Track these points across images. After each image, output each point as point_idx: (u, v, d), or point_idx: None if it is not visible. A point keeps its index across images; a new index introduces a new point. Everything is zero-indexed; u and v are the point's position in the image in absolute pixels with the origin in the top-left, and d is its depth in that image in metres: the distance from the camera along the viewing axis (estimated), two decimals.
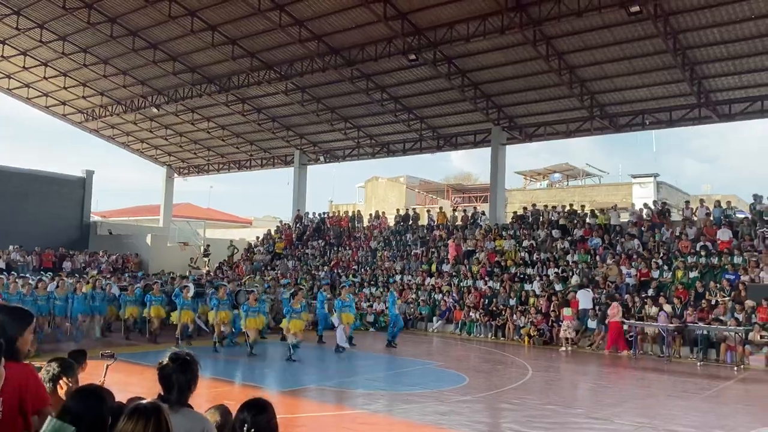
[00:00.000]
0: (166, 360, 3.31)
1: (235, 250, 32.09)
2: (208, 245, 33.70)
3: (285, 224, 34.02)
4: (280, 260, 29.48)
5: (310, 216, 33.20)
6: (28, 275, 21.26)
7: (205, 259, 32.53)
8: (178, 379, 3.27)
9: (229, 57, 25.27)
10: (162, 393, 3.27)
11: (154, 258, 30.94)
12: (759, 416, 9.82)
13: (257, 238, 33.49)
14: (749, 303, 16.00)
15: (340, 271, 26.39)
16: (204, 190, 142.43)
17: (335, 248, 28.98)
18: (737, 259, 18.29)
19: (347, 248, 28.56)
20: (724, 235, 19.48)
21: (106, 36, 25.12)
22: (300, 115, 30.49)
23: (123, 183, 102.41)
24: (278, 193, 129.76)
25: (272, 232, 33.14)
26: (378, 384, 12.13)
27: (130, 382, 9.91)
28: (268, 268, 28.89)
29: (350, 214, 32.12)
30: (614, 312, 17.18)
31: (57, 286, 17.64)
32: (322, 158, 33.84)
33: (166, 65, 27.10)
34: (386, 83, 26.04)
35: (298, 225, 32.71)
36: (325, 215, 33.35)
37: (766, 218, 19.73)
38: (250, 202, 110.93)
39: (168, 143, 36.91)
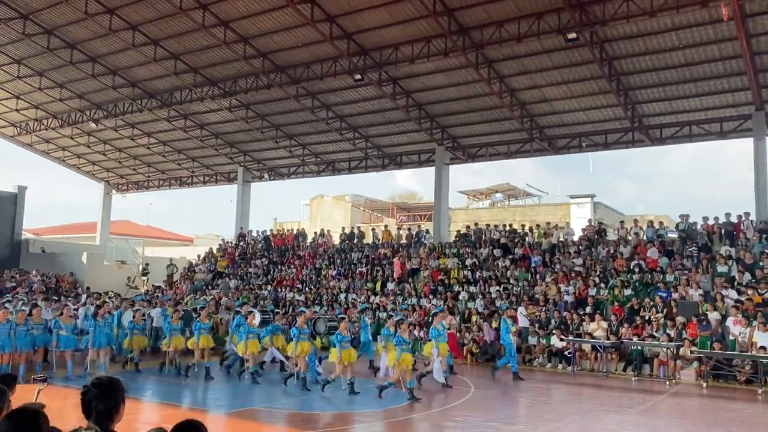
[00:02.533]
0: (88, 385, 3.16)
1: (175, 269, 31.33)
2: (147, 264, 32.81)
3: (227, 242, 33.48)
4: (221, 279, 28.94)
5: (254, 234, 32.78)
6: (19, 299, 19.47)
7: (144, 278, 31.63)
8: (98, 406, 3.12)
9: (171, 72, 24.87)
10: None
11: (89, 277, 29.87)
12: (690, 429, 10.21)
13: (198, 256, 32.81)
14: (680, 319, 16.66)
15: (283, 289, 26.10)
16: (143, 207, 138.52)
17: (279, 267, 28.67)
18: (669, 277, 19.05)
19: (291, 267, 28.29)
20: (653, 254, 20.30)
21: (42, 48, 24.31)
22: (244, 131, 30.21)
23: (58, 199, 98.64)
24: (221, 211, 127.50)
25: (214, 251, 32.55)
26: (322, 405, 12.00)
27: (66, 406, 9.49)
28: (210, 287, 28.31)
29: (295, 232, 31.88)
30: (449, 323, 17.97)
31: (61, 313, 14.88)
32: (266, 175, 33.55)
33: (106, 79, 26.44)
34: (332, 102, 26.14)
35: (241, 243, 32.24)
36: (269, 233, 32.98)
37: (693, 237, 20.65)
38: (191, 219, 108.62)
39: (106, 159, 35.87)
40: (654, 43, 19.36)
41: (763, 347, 14.40)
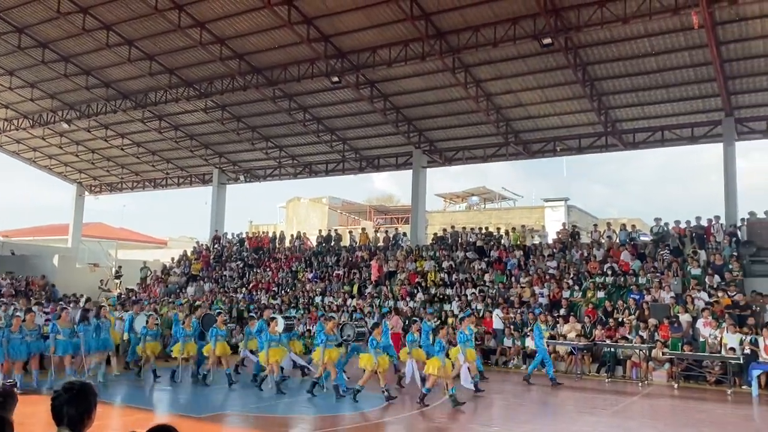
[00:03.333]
0: (59, 389, 3.13)
1: (149, 272, 30.96)
2: (120, 267, 32.38)
3: (202, 245, 33.18)
4: (196, 282, 28.67)
5: (229, 237, 32.53)
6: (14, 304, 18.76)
7: (117, 281, 31.19)
8: (69, 411, 3.09)
9: (146, 73, 24.60)
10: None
11: (61, 280, 29.34)
12: (662, 430, 10.37)
13: (172, 259, 32.45)
14: (652, 321, 16.92)
15: (258, 293, 25.94)
16: (117, 210, 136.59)
17: (254, 270, 28.48)
18: (642, 280, 19.35)
19: (267, 270, 28.13)
20: (626, 256, 20.61)
21: (12, 46, 23.89)
22: (219, 133, 29.99)
23: (29, 201, 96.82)
24: (196, 213, 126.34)
25: (188, 253, 32.23)
26: (300, 408, 11.96)
27: (26, 413, 9.31)
28: (184, 290, 28.03)
29: (271, 234, 31.70)
30: (394, 323, 17.91)
31: (59, 317, 14.17)
32: (242, 177, 33.34)
33: (79, 79, 26.05)
34: (309, 104, 26.09)
35: (215, 246, 31.97)
36: (245, 235, 32.75)
37: (665, 241, 21.00)
38: (165, 222, 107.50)
39: (79, 160, 35.29)
40: (627, 49, 19.68)
41: (732, 348, 14.70)
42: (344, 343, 14.13)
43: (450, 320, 20.37)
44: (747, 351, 14.63)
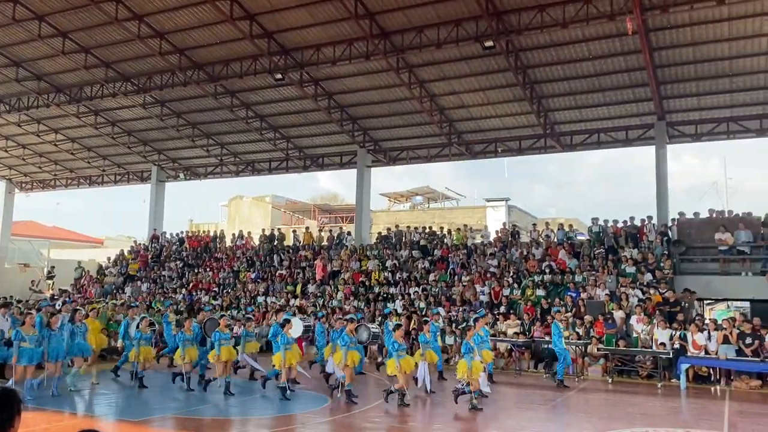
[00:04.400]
0: None
1: (84, 272, 29.90)
2: (53, 267, 31.14)
3: (140, 244, 32.28)
4: (133, 282, 27.86)
5: (168, 236, 31.75)
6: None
7: (49, 281, 29.99)
8: None
9: (81, 66, 23.74)
10: None
11: None
12: (596, 423, 10.68)
13: (109, 259, 31.46)
14: (588, 318, 17.44)
15: (198, 293, 25.41)
16: (50, 207, 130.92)
17: (194, 270, 27.89)
18: (578, 278, 19.92)
19: (208, 269, 27.58)
20: (563, 255, 21.20)
21: None
22: (159, 129, 29.24)
23: None
24: (133, 212, 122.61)
25: (125, 253, 31.29)
26: (235, 410, 11.76)
27: None
28: (121, 290, 27.21)
29: (212, 233, 31.10)
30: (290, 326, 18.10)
31: (23, 323, 12.48)
32: (181, 175, 32.57)
33: (8, 71, 24.91)
34: (252, 101, 25.73)
35: (154, 245, 31.15)
36: (185, 235, 32.01)
37: (601, 240, 21.68)
38: (101, 220, 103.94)
39: (8, 155, 33.73)
40: (566, 54, 20.21)
41: (662, 344, 15.30)
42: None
43: (394, 319, 20.48)
44: (676, 346, 15.26)
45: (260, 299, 23.77)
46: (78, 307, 15.15)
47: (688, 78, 20.62)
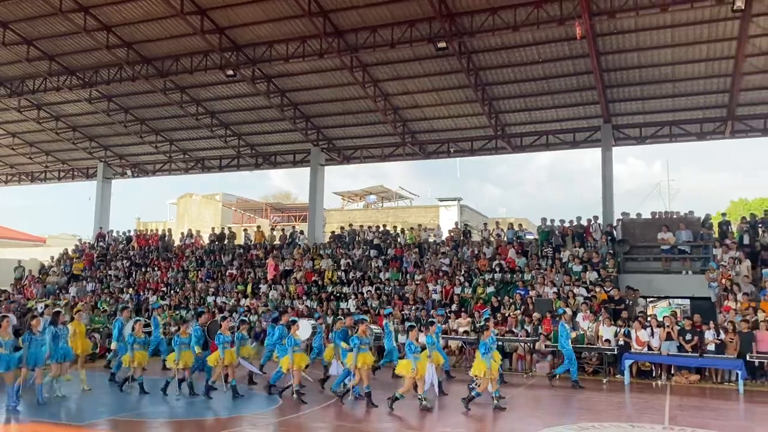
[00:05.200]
0: None
1: (24, 272, 28.83)
2: None
3: (85, 243, 31.33)
4: (77, 282, 27.02)
5: (115, 234, 30.92)
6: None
7: None
8: None
9: (23, 58, 22.91)
10: None
11: None
12: (545, 419, 10.92)
13: (52, 258, 30.39)
14: (536, 315, 17.78)
15: (145, 293, 24.82)
16: None
17: (142, 269, 27.24)
18: (527, 276, 20.32)
19: (156, 269, 26.97)
20: (512, 254, 21.59)
21: None
22: (105, 125, 28.46)
23: None
24: (78, 209, 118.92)
25: (70, 252, 30.32)
26: (186, 411, 11.55)
27: None
28: (64, 290, 26.35)
29: (160, 232, 30.43)
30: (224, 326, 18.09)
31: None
32: (129, 172, 31.79)
33: None
34: (202, 97, 25.30)
35: (100, 244, 30.28)
36: (132, 233, 31.21)
37: (549, 239, 22.15)
38: (44, 218, 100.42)
39: None
40: (516, 56, 20.58)
41: (607, 340, 15.72)
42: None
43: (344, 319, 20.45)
44: (621, 342, 15.73)
45: (210, 299, 23.39)
46: (59, 309, 14.25)
47: (633, 82, 21.27)
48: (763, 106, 21.62)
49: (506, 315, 18.51)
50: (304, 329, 13.08)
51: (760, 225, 19.95)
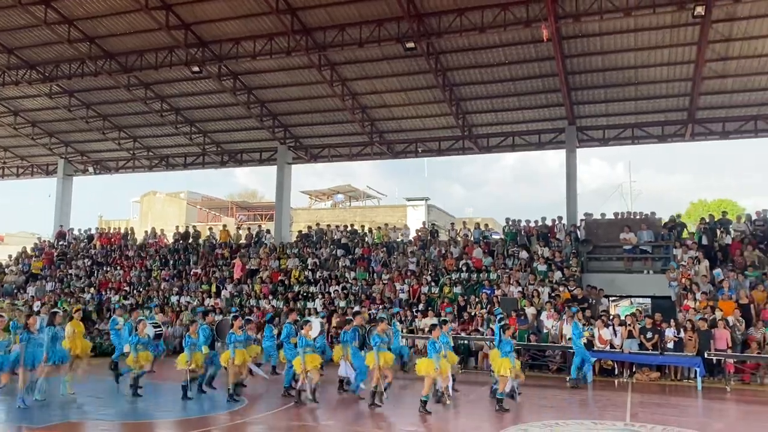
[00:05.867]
0: None
1: None
2: None
3: (44, 241, 30.57)
4: (37, 281, 26.34)
5: (76, 232, 30.23)
6: None
7: None
8: None
9: None
10: None
11: None
12: (508, 416, 11.02)
13: (10, 256, 29.61)
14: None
15: (107, 292, 24.32)
16: None
17: (104, 268, 26.69)
18: (493, 275, 20.51)
19: (118, 268, 26.46)
20: (478, 254, 21.77)
21: None
22: (66, 121, 27.79)
23: None
24: (37, 207, 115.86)
25: (28, 250, 29.54)
26: (146, 412, 11.35)
27: None
28: (22, 290, 25.67)
29: (123, 230, 29.86)
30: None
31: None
32: (91, 169, 31.12)
33: None
34: (167, 93, 24.90)
35: (60, 242, 29.57)
36: (94, 232, 30.55)
37: (515, 239, 22.40)
38: (2, 216, 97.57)
39: None
40: (484, 58, 20.74)
41: (571, 338, 15.95)
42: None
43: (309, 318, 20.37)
44: (584, 341, 15.96)
45: (174, 299, 23.04)
46: (57, 309, 13.83)
47: (597, 85, 21.63)
48: (722, 110, 22.23)
49: (472, 314, 18.66)
50: (316, 328, 12.74)
51: (718, 226, 20.49)
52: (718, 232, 20.21)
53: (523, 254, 21.33)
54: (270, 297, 22.03)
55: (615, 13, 17.36)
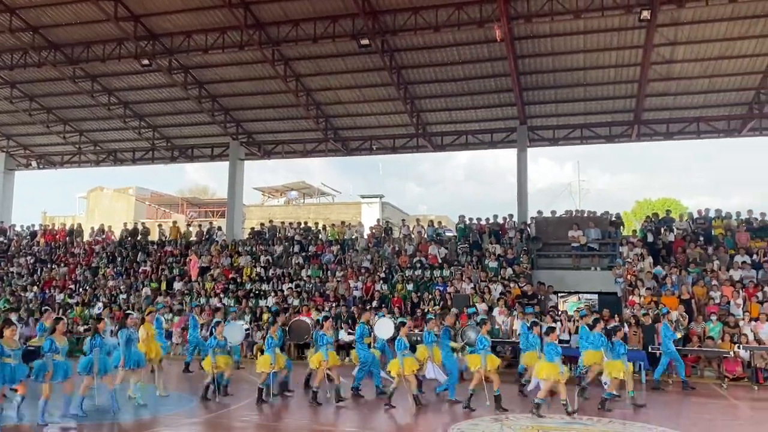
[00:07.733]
0: None
1: None
2: None
3: None
4: None
5: (18, 229, 29.16)
6: None
7: None
8: None
9: None
10: None
11: None
12: (459, 413, 11.16)
13: None
14: (454, 311, 18.12)
15: (52, 291, 23.56)
16: None
17: (48, 265, 25.82)
18: (446, 272, 20.72)
19: (63, 265, 25.64)
20: (433, 250, 21.96)
21: None
22: (8, 113, 26.76)
23: None
24: None
25: None
26: (100, 414, 11.04)
27: None
28: None
29: (68, 227, 28.93)
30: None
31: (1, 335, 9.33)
32: (34, 163, 30.05)
33: None
34: (115, 86, 24.25)
35: (1, 239, 28.47)
36: (37, 228, 29.51)
37: (467, 236, 22.67)
38: None
39: None
40: (438, 56, 20.90)
41: (521, 334, 16.22)
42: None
43: (265, 316, 20.15)
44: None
45: (122, 297, 22.48)
46: (129, 312, 13.11)
47: (548, 86, 22.07)
48: (666, 111, 22.98)
49: (425, 310, 18.78)
50: (385, 326, 12.61)
51: (662, 224, 21.19)
52: (662, 230, 20.90)
53: (475, 251, 21.60)
54: (222, 295, 21.70)
55: (565, 15, 17.74)
